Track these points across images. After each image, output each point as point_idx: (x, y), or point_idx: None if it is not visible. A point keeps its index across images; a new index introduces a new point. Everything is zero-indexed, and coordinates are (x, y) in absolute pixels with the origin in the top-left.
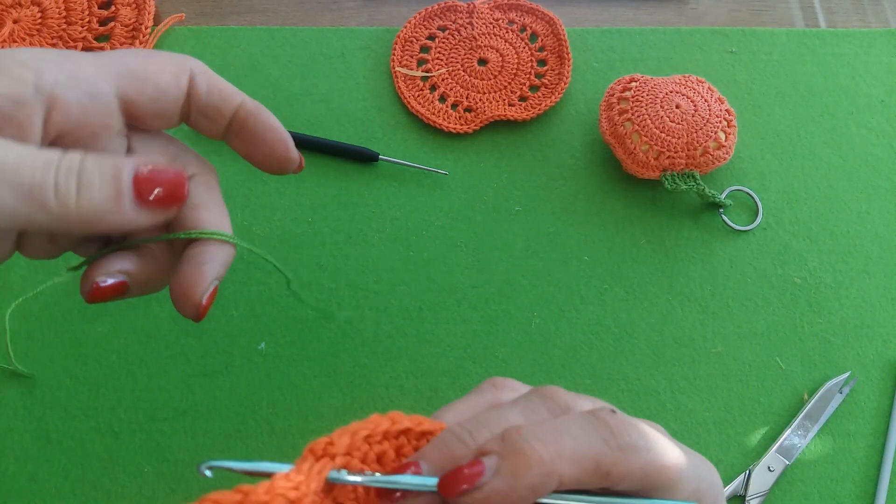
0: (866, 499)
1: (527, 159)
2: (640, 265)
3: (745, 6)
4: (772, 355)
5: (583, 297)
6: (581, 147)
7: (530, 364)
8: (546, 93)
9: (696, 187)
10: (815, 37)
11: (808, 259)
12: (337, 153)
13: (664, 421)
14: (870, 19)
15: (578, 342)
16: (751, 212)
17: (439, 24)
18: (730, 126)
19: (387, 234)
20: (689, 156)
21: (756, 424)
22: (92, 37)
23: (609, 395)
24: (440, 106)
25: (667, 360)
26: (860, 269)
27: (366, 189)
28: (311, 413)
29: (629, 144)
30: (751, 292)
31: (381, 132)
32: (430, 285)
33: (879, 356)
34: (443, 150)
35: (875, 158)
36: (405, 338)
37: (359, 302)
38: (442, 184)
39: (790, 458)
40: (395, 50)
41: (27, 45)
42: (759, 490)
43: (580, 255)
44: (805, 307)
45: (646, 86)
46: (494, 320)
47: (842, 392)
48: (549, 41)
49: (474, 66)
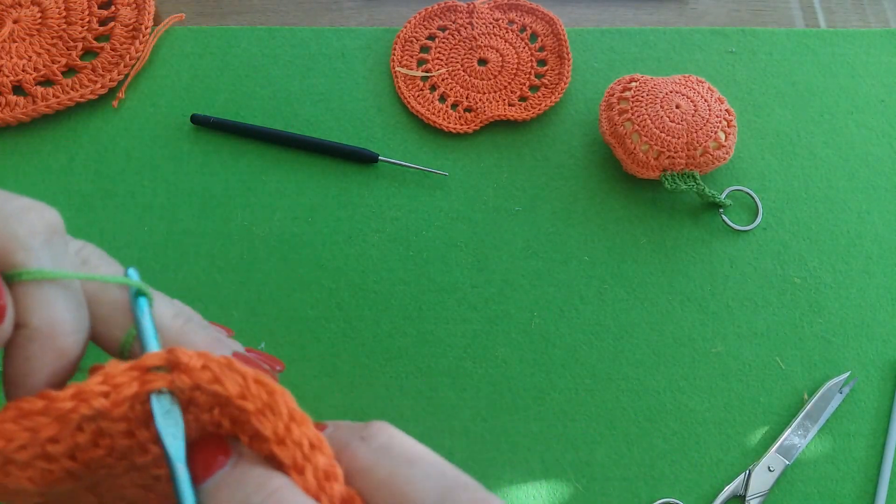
0: (866, 499)
1: (527, 159)
2: (640, 265)
3: (745, 6)
4: (772, 355)
5: (583, 297)
6: (581, 147)
7: (530, 364)
8: (546, 93)
9: (696, 187)
10: (815, 37)
11: (808, 259)
12: (337, 154)
13: (664, 421)
14: (870, 19)
15: (578, 342)
16: (751, 212)
17: (439, 24)
18: (730, 126)
19: (387, 234)
20: (689, 156)
21: (756, 424)
22: (92, 37)
23: (609, 394)
24: (440, 106)
25: (667, 360)
26: (860, 269)
27: (365, 189)
28: (312, 413)
29: (629, 144)
30: (751, 292)
31: (381, 132)
32: (430, 285)
33: (879, 356)
34: (443, 150)
35: (875, 158)
36: (405, 338)
37: (359, 302)
38: (442, 184)
39: (790, 458)
40: (395, 50)
41: (27, 44)
42: (759, 490)
43: (580, 255)
44: (805, 307)
45: (646, 86)
46: (494, 320)
47: (842, 392)
48: (549, 41)
49: (474, 66)
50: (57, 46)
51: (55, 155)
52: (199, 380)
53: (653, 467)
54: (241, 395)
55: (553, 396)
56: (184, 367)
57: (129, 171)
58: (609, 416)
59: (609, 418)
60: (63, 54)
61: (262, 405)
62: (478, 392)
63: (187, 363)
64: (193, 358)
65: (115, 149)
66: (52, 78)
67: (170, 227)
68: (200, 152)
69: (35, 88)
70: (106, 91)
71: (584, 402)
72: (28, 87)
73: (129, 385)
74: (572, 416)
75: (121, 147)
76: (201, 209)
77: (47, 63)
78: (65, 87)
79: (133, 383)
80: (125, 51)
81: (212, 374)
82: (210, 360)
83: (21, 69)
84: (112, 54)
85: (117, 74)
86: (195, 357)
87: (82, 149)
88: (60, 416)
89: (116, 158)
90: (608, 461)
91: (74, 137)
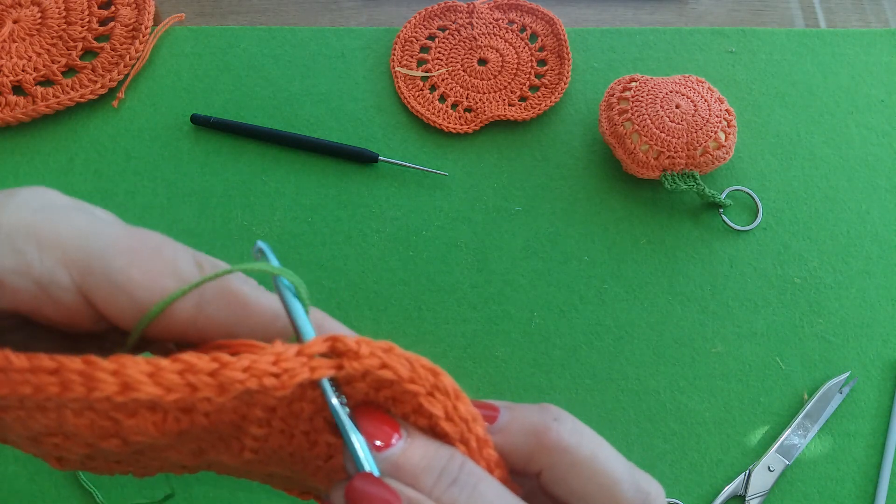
0: (866, 499)
1: (527, 159)
2: (640, 265)
3: (745, 6)
4: (772, 355)
5: (583, 297)
6: (581, 147)
7: (530, 364)
8: (546, 93)
9: (696, 187)
10: (815, 37)
11: (808, 259)
12: (337, 154)
13: (664, 421)
14: (870, 19)
15: (578, 342)
16: (751, 212)
17: (439, 24)
18: (730, 126)
19: (387, 234)
20: (689, 156)
21: (756, 424)
22: (92, 37)
23: (609, 394)
24: (440, 106)
25: (667, 360)
26: (860, 269)
27: (365, 189)
28: None
29: (629, 144)
30: (751, 292)
31: (381, 132)
32: (430, 285)
33: (879, 356)
34: (443, 150)
35: (875, 158)
36: (405, 338)
37: (359, 302)
38: (442, 184)
39: (790, 458)
40: (395, 50)
41: (27, 44)
42: (759, 490)
43: (580, 255)
44: (805, 307)
45: (646, 86)
46: (494, 320)
47: (842, 392)
48: (549, 41)
49: (474, 66)
50: (57, 46)
51: (55, 155)
52: (370, 366)
53: (653, 467)
54: (410, 378)
55: (553, 396)
56: (352, 355)
57: (129, 171)
58: (609, 416)
59: (609, 418)
60: (63, 54)
61: (431, 386)
62: (478, 392)
63: (356, 350)
64: (361, 345)
65: (115, 149)
66: (52, 78)
67: (170, 227)
68: (200, 152)
69: (35, 88)
70: (106, 91)
71: (584, 402)
72: (28, 87)
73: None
74: None
75: (121, 147)
76: (201, 209)
77: (47, 63)
78: (65, 87)
79: (304, 369)
80: (125, 51)
81: (380, 360)
82: (373, 345)
83: (21, 69)
84: (112, 54)
85: (117, 74)
86: (362, 344)
87: (82, 149)
88: (226, 383)
89: (116, 158)
90: None
91: (74, 137)
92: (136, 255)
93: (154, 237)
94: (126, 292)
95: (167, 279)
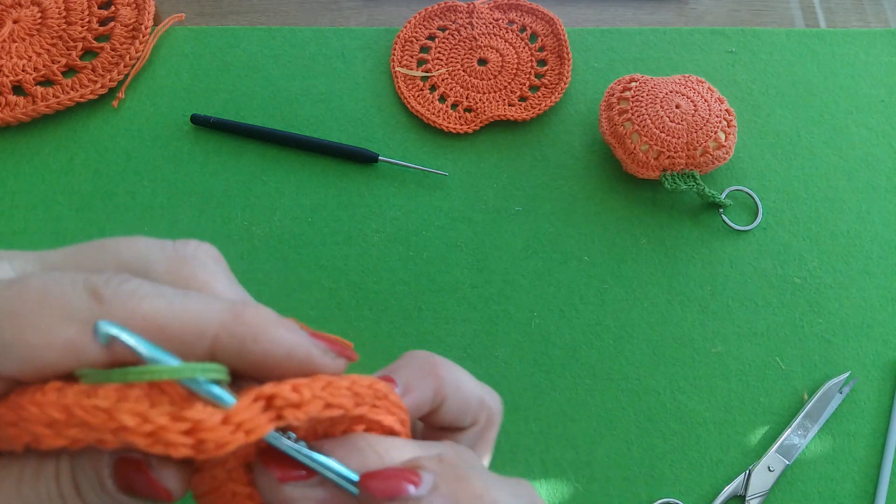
0: (866, 499)
1: (527, 159)
2: (640, 265)
3: (745, 6)
4: (772, 355)
5: (583, 297)
6: (581, 147)
7: (530, 364)
8: (546, 93)
9: (696, 187)
10: (815, 37)
11: (808, 259)
12: (337, 154)
13: (664, 421)
14: (870, 19)
15: (578, 342)
16: (751, 212)
17: (439, 24)
18: (730, 126)
19: (387, 234)
20: (689, 156)
21: (756, 424)
22: (92, 37)
23: (609, 394)
24: (440, 106)
25: (667, 360)
26: (860, 269)
27: (365, 189)
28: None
29: (629, 144)
30: (751, 292)
31: (381, 132)
32: (430, 285)
33: (879, 356)
34: (443, 150)
35: (875, 158)
36: (405, 338)
37: (359, 302)
38: (442, 184)
39: (790, 458)
40: (395, 50)
41: (27, 44)
42: (759, 490)
43: (580, 255)
44: (805, 307)
45: (646, 86)
46: (494, 320)
47: (842, 392)
48: (549, 41)
49: (474, 66)
50: (57, 46)
51: (55, 155)
52: (314, 411)
53: (653, 467)
54: (355, 404)
55: (553, 396)
56: (294, 405)
57: (129, 171)
58: (609, 416)
59: (609, 418)
60: (63, 54)
61: (372, 399)
62: None
63: (298, 401)
64: (301, 391)
65: (115, 149)
66: (52, 78)
67: (170, 227)
68: (200, 152)
69: (35, 88)
70: (106, 91)
71: (584, 402)
72: (28, 87)
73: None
74: (572, 416)
75: (121, 147)
76: (201, 209)
77: (47, 63)
78: (65, 87)
79: (237, 435)
80: (125, 51)
81: (323, 401)
82: (313, 387)
83: (21, 69)
84: (112, 54)
85: (117, 74)
86: (302, 389)
87: (82, 149)
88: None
89: (116, 158)
90: (608, 461)
91: (74, 137)
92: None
93: (35, 283)
94: (26, 360)
95: (64, 327)
